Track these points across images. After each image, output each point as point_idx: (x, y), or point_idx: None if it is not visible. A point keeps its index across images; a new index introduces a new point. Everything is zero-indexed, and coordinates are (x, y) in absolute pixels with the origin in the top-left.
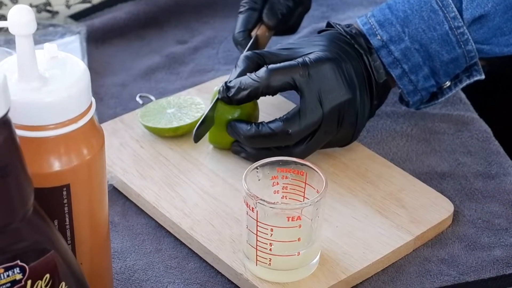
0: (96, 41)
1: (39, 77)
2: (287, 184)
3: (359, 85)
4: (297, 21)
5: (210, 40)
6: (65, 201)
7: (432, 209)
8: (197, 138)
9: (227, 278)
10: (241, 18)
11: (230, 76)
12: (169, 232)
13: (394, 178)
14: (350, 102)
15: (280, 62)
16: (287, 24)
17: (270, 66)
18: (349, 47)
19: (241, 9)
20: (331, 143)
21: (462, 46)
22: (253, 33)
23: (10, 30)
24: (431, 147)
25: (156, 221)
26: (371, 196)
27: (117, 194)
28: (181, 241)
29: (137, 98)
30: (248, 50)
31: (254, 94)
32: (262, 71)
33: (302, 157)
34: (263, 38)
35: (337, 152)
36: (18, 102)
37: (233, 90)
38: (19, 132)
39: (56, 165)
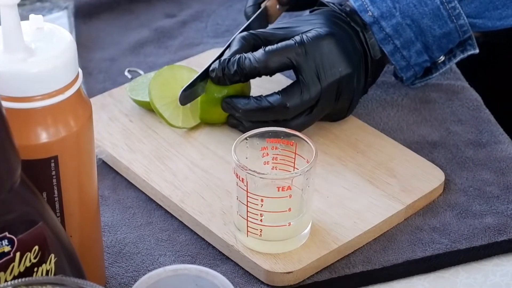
0: (84, 16)
1: (25, 48)
2: (277, 154)
3: (357, 61)
4: None
5: (199, 14)
6: (53, 173)
7: (423, 178)
8: (184, 101)
9: (218, 250)
10: None
11: (224, 56)
12: (160, 205)
13: (384, 148)
14: (349, 77)
15: (277, 42)
16: (300, 0)
17: (267, 47)
18: (345, 25)
19: None
20: (327, 117)
21: (454, 21)
22: (263, 5)
23: None
24: (421, 116)
25: (146, 195)
26: (361, 166)
27: (107, 168)
28: (171, 214)
29: (126, 73)
30: (254, 21)
31: (251, 75)
32: (259, 53)
33: (299, 131)
34: (273, 11)
35: (327, 123)
36: (3, 73)
37: (230, 71)
38: (5, 104)
39: (44, 137)
